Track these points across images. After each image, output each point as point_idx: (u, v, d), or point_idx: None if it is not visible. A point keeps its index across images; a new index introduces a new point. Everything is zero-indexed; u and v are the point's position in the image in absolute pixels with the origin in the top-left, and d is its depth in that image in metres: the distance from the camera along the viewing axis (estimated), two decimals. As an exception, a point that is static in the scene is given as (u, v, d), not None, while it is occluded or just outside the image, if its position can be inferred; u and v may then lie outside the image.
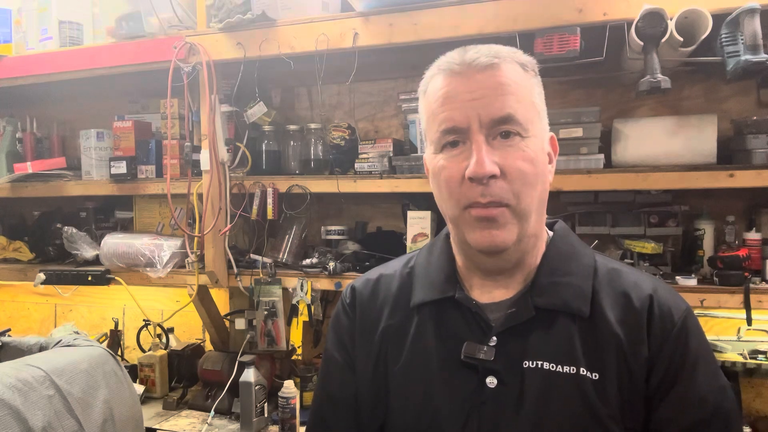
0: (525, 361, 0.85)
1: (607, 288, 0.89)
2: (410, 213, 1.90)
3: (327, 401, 1.02)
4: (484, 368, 0.86)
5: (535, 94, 0.88)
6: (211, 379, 2.10)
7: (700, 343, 0.87)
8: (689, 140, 1.65)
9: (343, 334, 1.02)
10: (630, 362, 0.84)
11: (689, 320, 0.87)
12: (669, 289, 0.90)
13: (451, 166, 0.85)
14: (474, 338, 0.88)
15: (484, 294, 0.92)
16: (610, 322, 0.85)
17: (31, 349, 1.59)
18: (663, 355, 0.84)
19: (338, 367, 1.01)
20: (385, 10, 1.72)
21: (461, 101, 0.84)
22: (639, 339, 0.84)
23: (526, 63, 0.88)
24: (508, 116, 0.83)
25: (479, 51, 0.86)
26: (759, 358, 1.72)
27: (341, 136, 2.02)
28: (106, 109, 2.48)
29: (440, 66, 0.88)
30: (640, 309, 0.86)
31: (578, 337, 0.85)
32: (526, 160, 0.83)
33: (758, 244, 1.67)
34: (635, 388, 0.83)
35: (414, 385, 0.91)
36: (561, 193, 1.81)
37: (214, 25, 1.93)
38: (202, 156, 1.97)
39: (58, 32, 2.20)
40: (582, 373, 0.84)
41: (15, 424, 1.21)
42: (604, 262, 0.93)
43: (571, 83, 1.93)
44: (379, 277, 1.03)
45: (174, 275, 2.08)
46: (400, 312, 0.97)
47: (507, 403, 0.85)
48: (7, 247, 2.45)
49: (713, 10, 1.45)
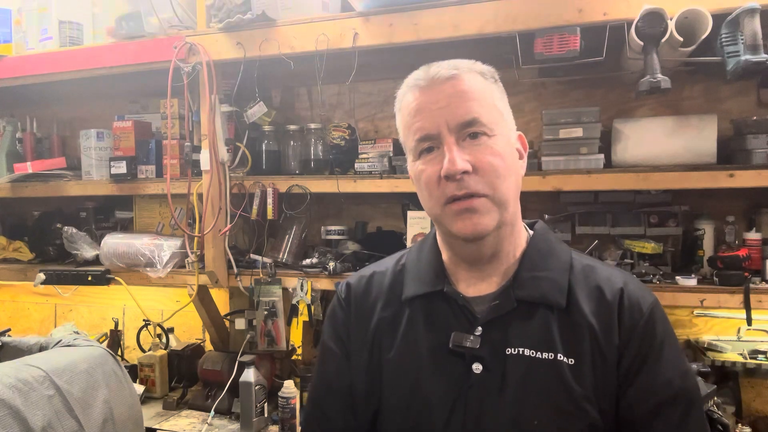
0: (507, 348, 0.94)
1: (582, 282, 0.97)
2: (410, 213, 1.90)
3: (324, 390, 1.08)
4: (471, 355, 0.94)
5: (496, 98, 0.97)
6: (211, 379, 2.10)
7: (666, 331, 0.95)
8: (689, 140, 1.65)
9: (338, 327, 1.09)
10: (603, 349, 0.92)
11: (656, 311, 0.95)
12: (638, 284, 0.99)
13: (428, 169, 0.94)
14: (461, 328, 0.96)
15: (470, 287, 1.00)
16: (584, 313, 0.94)
17: (31, 349, 1.59)
18: (632, 342, 0.92)
19: (335, 358, 1.08)
20: (385, 10, 1.72)
21: (429, 110, 0.94)
22: (611, 328, 0.93)
23: (484, 72, 0.97)
24: (473, 120, 0.92)
25: (440, 66, 0.95)
26: (759, 358, 1.72)
27: (341, 136, 2.02)
28: (106, 109, 2.49)
29: (408, 84, 0.98)
30: (611, 301, 0.94)
31: (556, 326, 0.94)
32: (495, 155, 0.92)
33: (758, 244, 1.67)
34: (608, 373, 0.92)
35: (405, 372, 0.99)
36: (561, 193, 1.81)
37: (214, 25, 1.93)
38: (202, 156, 1.97)
39: (58, 32, 2.20)
40: (559, 359, 0.92)
41: (15, 424, 1.21)
42: (579, 259, 1.01)
43: (571, 83, 1.93)
44: (373, 274, 1.11)
45: (174, 275, 2.08)
46: (392, 305, 1.04)
47: (491, 387, 0.93)
48: (7, 247, 2.45)
49: (713, 10, 1.45)
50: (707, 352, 1.77)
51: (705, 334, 1.90)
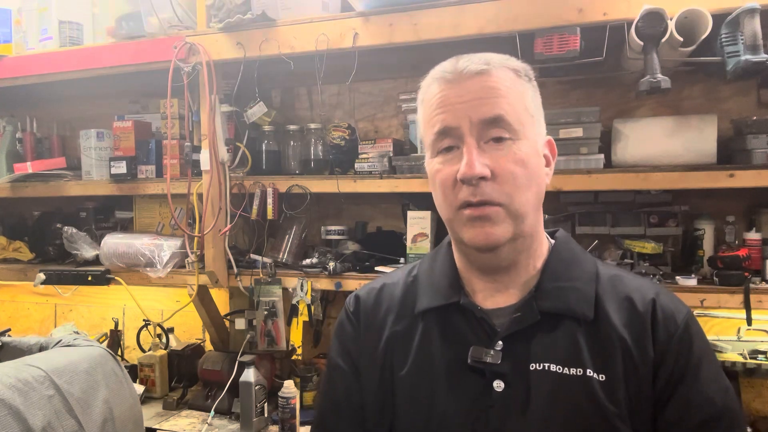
0: (531, 364, 0.87)
1: (611, 293, 0.91)
2: (410, 213, 1.90)
3: (331, 409, 1.02)
4: (491, 372, 0.87)
5: (527, 98, 0.90)
6: (211, 379, 2.10)
7: (703, 344, 0.89)
8: (689, 140, 1.65)
9: (347, 342, 1.02)
10: (637, 364, 0.85)
11: (691, 323, 0.89)
12: (670, 294, 0.93)
13: (444, 170, 0.88)
14: (479, 343, 0.89)
15: (487, 299, 0.94)
16: (615, 325, 0.87)
17: (31, 349, 1.59)
18: (668, 357, 0.86)
19: (343, 375, 1.01)
20: (385, 10, 1.72)
21: (452, 104, 0.87)
22: (644, 341, 0.86)
23: (518, 69, 0.91)
24: (498, 117, 0.85)
25: (470, 59, 0.89)
26: (759, 358, 1.72)
27: (341, 136, 2.02)
28: (106, 109, 2.49)
29: (434, 75, 0.92)
30: (643, 312, 0.88)
31: (584, 339, 0.87)
32: (516, 163, 0.86)
33: (758, 244, 1.67)
34: (642, 390, 0.85)
35: (421, 389, 0.92)
36: (561, 193, 1.81)
37: (214, 25, 1.93)
38: (202, 156, 1.97)
39: (58, 32, 2.20)
40: (589, 375, 0.85)
41: (15, 424, 1.21)
42: (605, 269, 0.95)
43: (571, 83, 1.93)
44: (383, 286, 1.04)
45: (174, 275, 2.08)
46: (404, 319, 0.98)
47: (514, 406, 0.86)
48: (7, 247, 2.45)
49: (713, 10, 1.45)
50: (707, 352, 1.77)
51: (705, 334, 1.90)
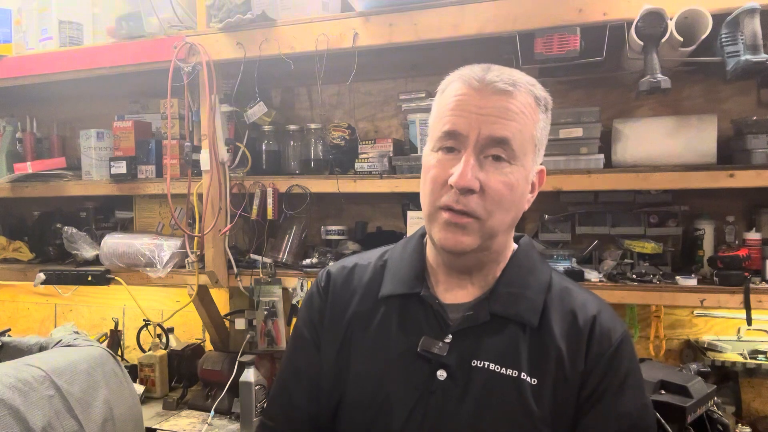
0: (474, 360, 0.94)
1: (558, 304, 0.98)
2: (410, 213, 1.90)
3: (292, 374, 1.09)
4: (437, 362, 0.95)
5: (538, 128, 0.95)
6: (211, 379, 2.10)
7: (632, 364, 0.96)
8: (689, 140, 1.65)
9: (314, 314, 1.09)
10: (567, 373, 0.93)
11: (624, 343, 0.96)
12: (612, 313, 1.00)
13: (439, 169, 0.93)
14: (432, 334, 0.97)
15: (447, 293, 1.01)
16: (554, 335, 0.95)
17: (31, 349, 1.59)
18: (596, 371, 0.93)
19: (306, 344, 1.08)
20: (385, 10, 1.72)
21: (469, 112, 0.91)
22: (578, 353, 0.94)
23: (540, 98, 0.95)
24: (504, 139, 0.90)
25: (500, 75, 0.92)
26: (759, 358, 1.72)
27: (341, 136, 2.02)
28: (106, 109, 2.49)
29: (462, 75, 0.95)
30: (582, 327, 0.95)
31: (524, 344, 0.94)
32: (506, 185, 0.91)
33: (758, 244, 1.67)
34: (568, 397, 0.93)
35: (372, 368, 1.00)
36: (561, 193, 1.81)
37: (214, 25, 1.93)
38: (202, 156, 1.97)
39: (58, 32, 2.20)
40: (523, 377, 0.92)
41: (15, 424, 1.21)
42: (558, 281, 1.02)
43: (571, 83, 1.93)
44: (354, 266, 1.11)
45: (174, 275, 2.08)
46: (368, 301, 1.05)
47: (452, 395, 0.94)
48: (7, 247, 2.45)
49: (713, 10, 1.45)
50: (707, 352, 1.77)
51: (705, 334, 1.90)
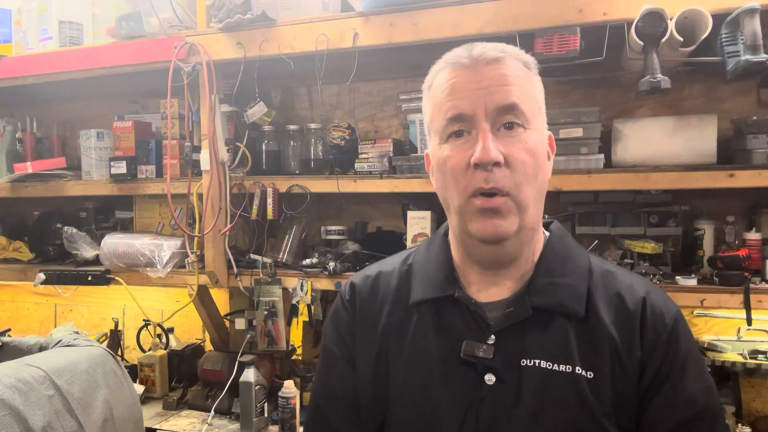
0: (522, 359, 0.88)
1: (602, 289, 0.92)
2: (410, 213, 1.90)
3: (327, 397, 1.02)
4: (483, 366, 0.88)
5: (536, 90, 0.92)
6: (211, 379, 2.10)
7: (690, 344, 0.90)
8: (689, 140, 1.65)
9: (342, 330, 1.02)
10: (624, 362, 0.87)
11: (680, 323, 0.90)
12: (661, 292, 0.93)
13: (456, 155, 0.88)
14: (473, 336, 0.90)
15: (481, 292, 0.94)
16: (604, 322, 0.88)
17: (31, 349, 1.59)
18: (655, 356, 0.87)
19: (338, 363, 1.01)
20: (385, 10, 1.72)
21: (468, 90, 0.87)
22: (632, 340, 0.88)
23: (528, 62, 0.92)
24: (513, 105, 0.86)
25: (486, 46, 0.89)
26: (759, 358, 1.72)
27: (341, 136, 2.02)
28: (106, 109, 2.49)
29: (448, 60, 0.92)
30: (633, 311, 0.89)
31: (574, 336, 0.88)
32: (527, 152, 0.86)
33: (758, 244, 1.67)
34: (628, 387, 0.87)
35: (414, 381, 0.93)
36: (561, 193, 1.81)
37: (214, 25, 1.93)
38: (202, 156, 1.97)
39: (58, 32, 2.20)
40: (578, 372, 0.86)
41: (15, 424, 1.21)
42: (598, 264, 0.96)
43: (571, 83, 1.93)
44: (378, 274, 1.04)
45: (174, 275, 2.08)
46: (399, 309, 0.98)
47: (505, 400, 0.87)
48: (7, 247, 2.45)
49: (713, 10, 1.45)
50: (707, 352, 1.77)
51: (705, 334, 1.90)
